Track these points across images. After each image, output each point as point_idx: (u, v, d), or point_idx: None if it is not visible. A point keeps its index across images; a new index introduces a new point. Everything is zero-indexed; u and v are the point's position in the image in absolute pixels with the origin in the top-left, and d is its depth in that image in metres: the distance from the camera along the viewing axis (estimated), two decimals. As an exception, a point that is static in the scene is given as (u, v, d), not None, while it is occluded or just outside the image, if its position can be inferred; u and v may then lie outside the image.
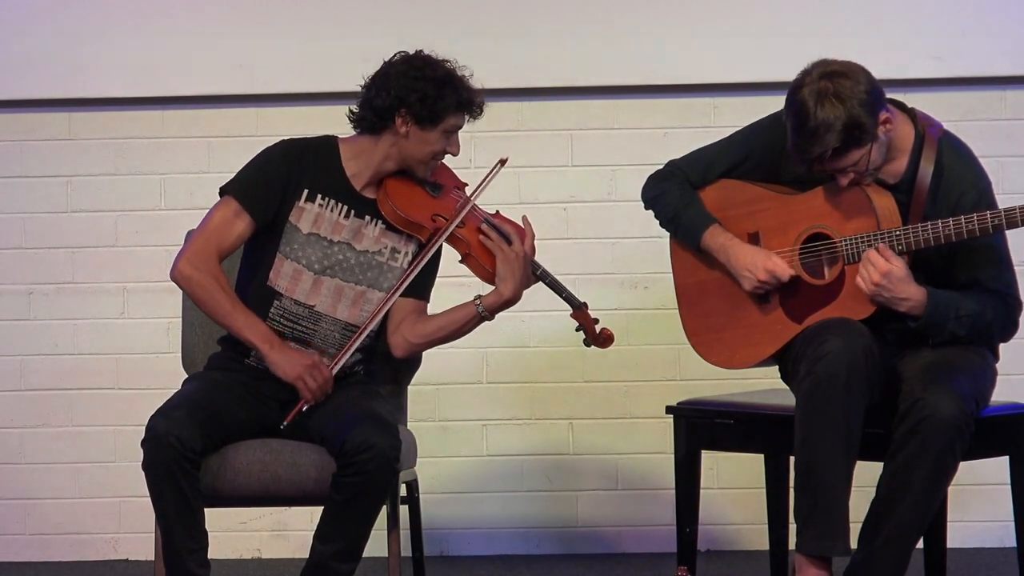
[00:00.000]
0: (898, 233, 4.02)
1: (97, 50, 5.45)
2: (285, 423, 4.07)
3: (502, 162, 4.21)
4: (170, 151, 5.53)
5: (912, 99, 4.34)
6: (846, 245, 4.08)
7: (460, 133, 4.25)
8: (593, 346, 4.24)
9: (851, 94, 3.94)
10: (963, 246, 4.02)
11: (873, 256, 3.99)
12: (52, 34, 5.45)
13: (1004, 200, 4.11)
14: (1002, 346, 4.24)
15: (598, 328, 4.22)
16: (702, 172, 4.30)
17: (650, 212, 4.38)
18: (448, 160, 4.27)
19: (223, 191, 4.17)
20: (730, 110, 5.41)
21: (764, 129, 4.24)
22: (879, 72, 4.17)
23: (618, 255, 5.48)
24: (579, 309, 4.22)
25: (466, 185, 4.27)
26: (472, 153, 5.23)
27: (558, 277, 4.24)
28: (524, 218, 4.20)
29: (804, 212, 4.15)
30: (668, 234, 4.36)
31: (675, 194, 4.29)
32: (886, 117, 4.00)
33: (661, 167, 4.37)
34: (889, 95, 4.18)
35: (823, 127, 3.93)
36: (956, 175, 4.07)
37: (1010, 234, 4.14)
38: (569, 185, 5.51)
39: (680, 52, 5.42)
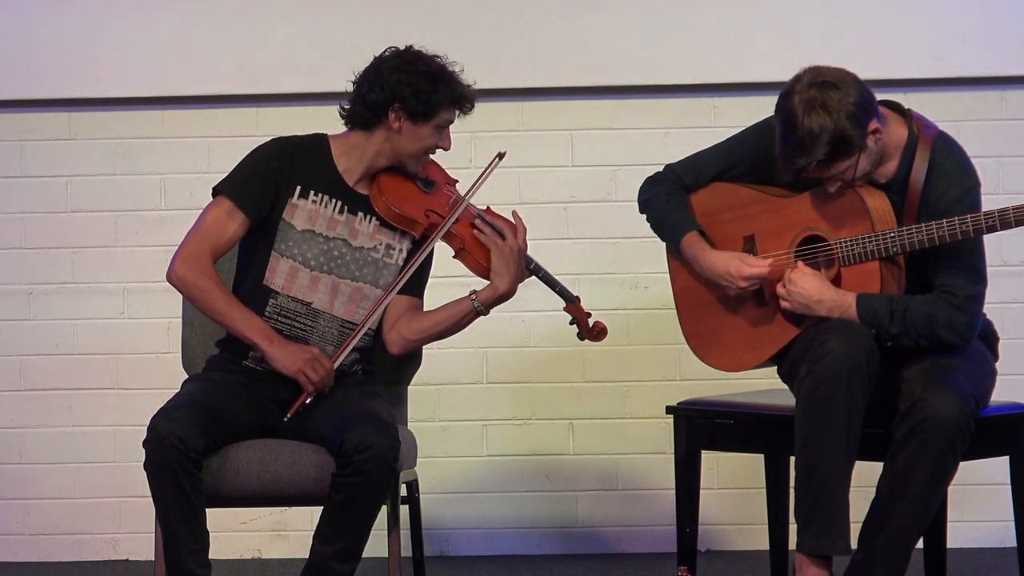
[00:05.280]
0: (892, 235, 4.02)
1: (97, 50, 5.45)
2: (288, 416, 4.07)
3: (500, 156, 4.21)
4: (170, 151, 5.53)
5: (912, 99, 4.35)
6: (841, 247, 4.08)
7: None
8: (587, 340, 4.26)
9: (839, 106, 3.94)
10: (935, 249, 4.02)
11: (787, 272, 4.08)
12: (52, 34, 5.45)
13: (1004, 201, 4.10)
14: (1002, 346, 4.24)
15: (591, 322, 4.24)
16: (696, 176, 4.31)
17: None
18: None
19: (216, 191, 4.18)
20: (730, 110, 5.41)
21: (759, 133, 4.24)
22: (879, 72, 4.18)
23: (618, 255, 5.48)
24: (572, 303, 4.24)
25: (457, 181, 4.28)
26: (472, 153, 5.23)
27: (557, 277, 4.26)
28: (514, 213, 4.21)
29: (798, 215, 4.15)
30: (663, 237, 4.38)
31: (663, 199, 4.30)
32: (876, 127, 3.99)
33: (659, 170, 4.38)
34: (889, 95, 4.19)
35: (809, 138, 3.93)
36: (944, 173, 4.07)
37: (1010, 235, 4.15)
38: (569, 185, 5.51)
39: (680, 52, 5.42)
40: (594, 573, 5.25)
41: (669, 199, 4.29)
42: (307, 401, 4.08)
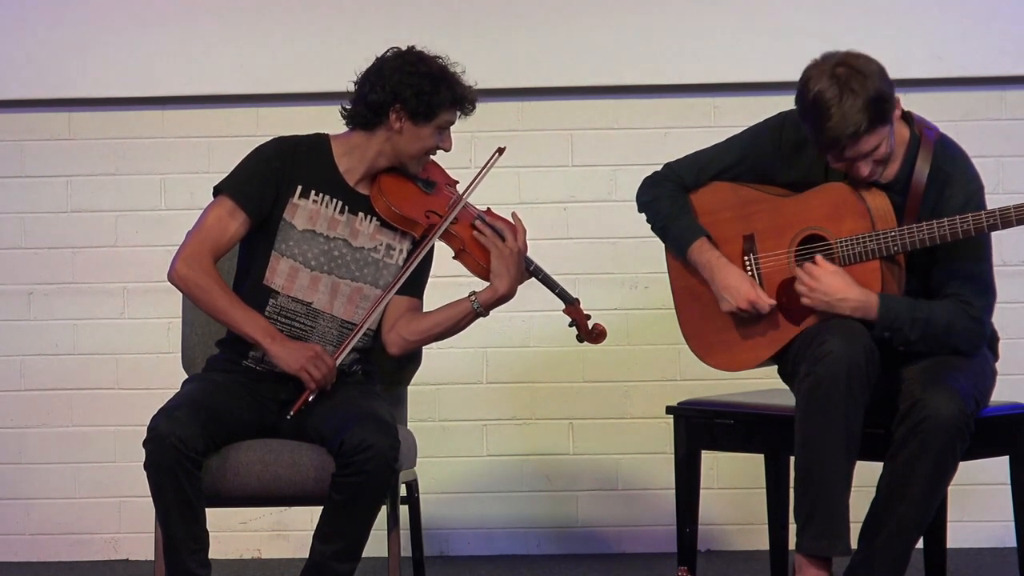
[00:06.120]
0: (893, 234, 4.02)
1: (97, 50, 5.45)
2: (291, 413, 4.06)
3: (500, 151, 4.21)
4: (170, 151, 5.53)
5: (912, 99, 4.35)
6: (841, 246, 4.08)
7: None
8: (586, 342, 4.26)
9: (868, 70, 3.95)
10: (944, 253, 4.02)
11: (807, 266, 4.05)
12: (52, 34, 5.45)
13: (1004, 201, 4.10)
14: (1002, 346, 4.24)
15: (590, 324, 4.25)
16: (696, 175, 4.30)
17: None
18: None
19: (217, 190, 4.18)
20: (730, 110, 5.41)
21: (760, 133, 4.24)
22: (879, 72, 4.14)
23: (618, 255, 5.48)
24: (572, 304, 4.24)
25: (458, 182, 4.28)
26: (472, 153, 5.23)
27: (557, 277, 4.26)
28: (514, 214, 4.21)
29: (799, 214, 4.15)
30: (663, 238, 4.38)
31: (666, 202, 4.29)
32: (898, 98, 4.00)
33: (658, 169, 4.37)
34: (888, 95, 4.19)
35: (851, 105, 3.91)
36: (949, 179, 4.07)
37: (1010, 235, 4.14)
38: (569, 185, 5.51)
39: (680, 52, 5.42)
40: (594, 573, 5.25)
41: (672, 202, 4.28)
42: (309, 399, 4.08)
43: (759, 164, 4.22)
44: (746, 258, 4.21)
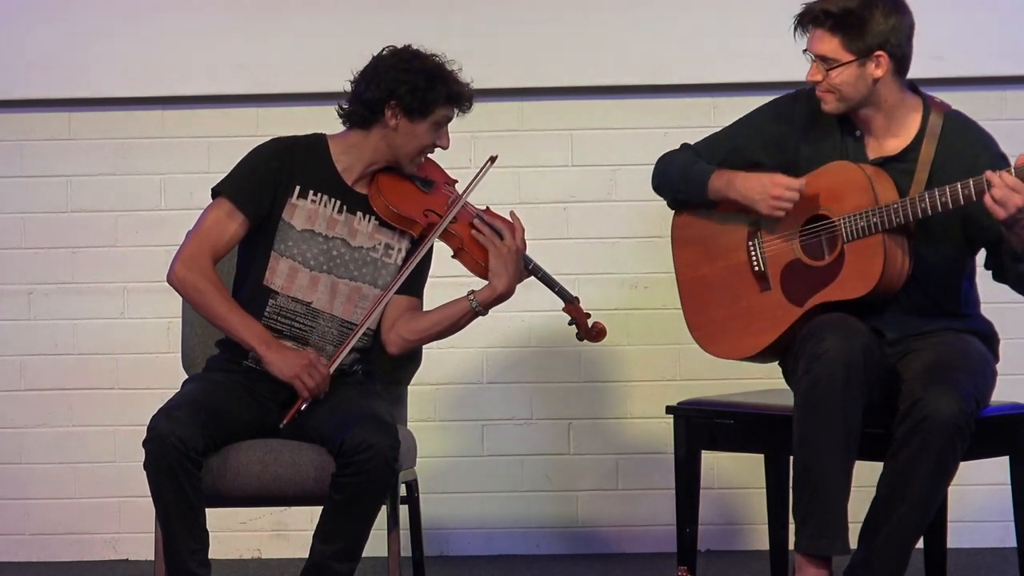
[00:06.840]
0: (895, 206, 4.00)
1: (97, 50, 5.45)
2: (284, 423, 4.08)
3: (492, 160, 4.21)
4: (170, 151, 5.53)
5: (912, 99, 4.34)
6: (845, 223, 4.07)
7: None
8: (586, 340, 4.27)
9: (898, 6, 3.99)
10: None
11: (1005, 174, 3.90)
12: (52, 34, 5.44)
13: (1004, 200, 4.09)
14: (1002, 346, 4.24)
15: (590, 322, 4.25)
16: (711, 151, 4.29)
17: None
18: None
19: (215, 192, 4.19)
20: (730, 110, 5.36)
21: (774, 108, 4.25)
22: (879, 72, 4.13)
23: (618, 255, 5.48)
24: (571, 303, 4.25)
25: (456, 181, 4.28)
26: (472, 153, 5.23)
27: (556, 278, 4.26)
28: (512, 213, 4.21)
29: (803, 197, 4.13)
30: (669, 229, 4.35)
31: (681, 159, 4.29)
32: (880, 56, 3.99)
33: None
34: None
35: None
36: (967, 142, 4.07)
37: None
38: (569, 185, 5.51)
39: (680, 52, 5.42)
40: (594, 573, 5.25)
41: (689, 158, 4.28)
42: (302, 407, 4.08)
43: (774, 137, 4.21)
44: (750, 243, 4.21)
